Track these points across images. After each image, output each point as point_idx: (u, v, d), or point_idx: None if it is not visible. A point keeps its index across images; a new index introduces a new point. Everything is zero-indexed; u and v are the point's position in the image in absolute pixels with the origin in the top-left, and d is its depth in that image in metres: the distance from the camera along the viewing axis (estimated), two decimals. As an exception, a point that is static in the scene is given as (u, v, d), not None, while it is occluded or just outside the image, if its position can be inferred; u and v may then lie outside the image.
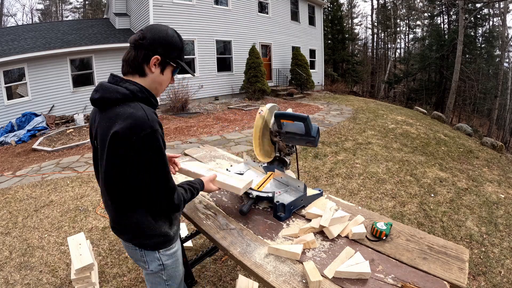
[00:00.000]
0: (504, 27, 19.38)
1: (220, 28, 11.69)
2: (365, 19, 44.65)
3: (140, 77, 1.01)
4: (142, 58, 0.98)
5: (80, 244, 2.07)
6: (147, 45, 0.98)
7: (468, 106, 21.37)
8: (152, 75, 1.01)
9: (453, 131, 8.40)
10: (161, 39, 1.00)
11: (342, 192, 3.67)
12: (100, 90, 0.97)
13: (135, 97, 0.96)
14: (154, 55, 0.99)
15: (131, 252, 1.14)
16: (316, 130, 1.42)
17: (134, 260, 1.18)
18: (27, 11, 33.27)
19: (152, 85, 1.03)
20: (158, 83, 1.04)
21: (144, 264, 1.13)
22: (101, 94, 0.96)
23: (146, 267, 1.13)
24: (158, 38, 0.99)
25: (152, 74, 1.01)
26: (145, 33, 0.99)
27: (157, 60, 1.00)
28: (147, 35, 0.98)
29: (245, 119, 8.14)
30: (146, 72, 1.01)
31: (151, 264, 1.12)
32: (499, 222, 3.19)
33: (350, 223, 1.29)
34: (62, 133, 7.66)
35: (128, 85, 0.97)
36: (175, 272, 1.20)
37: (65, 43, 9.70)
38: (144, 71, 1.00)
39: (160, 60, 1.00)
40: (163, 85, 1.07)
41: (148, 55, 0.98)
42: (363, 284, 0.98)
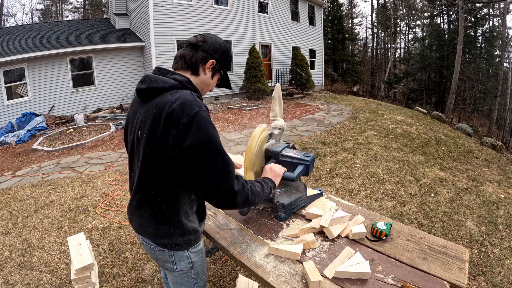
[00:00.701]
0: (504, 27, 19.39)
1: (220, 28, 11.69)
2: (365, 19, 44.68)
3: (192, 74, 1.05)
4: (200, 58, 1.04)
5: (80, 244, 2.06)
6: (207, 48, 1.04)
7: (468, 106, 21.36)
8: (204, 76, 1.06)
9: (453, 131, 8.40)
10: (221, 47, 1.08)
11: (342, 192, 3.67)
12: (147, 81, 0.98)
13: (184, 87, 0.98)
14: (212, 59, 1.05)
15: (157, 254, 1.09)
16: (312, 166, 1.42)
17: (160, 262, 1.12)
18: (27, 11, 33.29)
19: (200, 85, 1.07)
20: (205, 84, 1.09)
21: (172, 264, 1.10)
22: (149, 85, 0.97)
23: (174, 268, 1.10)
24: (217, 45, 1.07)
25: (204, 76, 1.07)
26: (206, 38, 1.06)
27: (212, 64, 1.06)
28: (208, 40, 1.06)
29: (245, 119, 8.14)
30: (200, 72, 1.05)
31: (179, 263, 1.10)
32: (499, 222, 3.19)
33: (350, 223, 1.29)
34: (62, 133, 7.66)
35: (177, 76, 0.99)
36: (202, 269, 1.20)
37: (65, 43, 9.70)
38: (198, 70, 1.05)
39: (215, 64, 1.07)
40: (209, 88, 1.12)
41: (206, 57, 1.04)
42: (363, 284, 0.98)
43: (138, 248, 2.61)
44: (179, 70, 1.05)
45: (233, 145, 5.59)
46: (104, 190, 3.82)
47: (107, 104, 10.33)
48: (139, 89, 0.99)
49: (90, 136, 7.12)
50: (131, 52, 10.69)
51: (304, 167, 1.36)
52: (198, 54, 1.03)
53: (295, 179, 1.33)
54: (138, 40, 10.79)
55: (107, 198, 3.59)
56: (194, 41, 1.04)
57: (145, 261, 2.42)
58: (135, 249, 2.59)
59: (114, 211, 3.27)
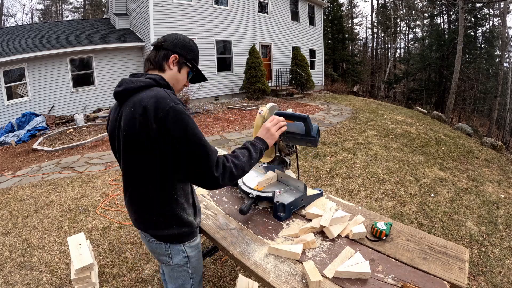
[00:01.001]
0: (504, 27, 19.39)
1: (220, 28, 11.69)
2: (365, 19, 44.67)
3: (159, 72, 1.11)
4: (162, 56, 1.10)
5: (80, 244, 2.06)
6: (167, 46, 1.11)
7: (468, 106, 21.36)
8: (170, 71, 1.12)
9: (453, 131, 8.40)
10: (180, 42, 1.13)
11: (342, 192, 3.67)
12: (123, 83, 1.04)
13: (158, 84, 1.04)
14: (173, 54, 1.11)
15: (154, 246, 1.14)
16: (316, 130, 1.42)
17: (156, 255, 1.18)
18: (27, 11, 33.29)
19: (170, 81, 1.11)
20: (175, 79, 1.13)
21: (168, 258, 1.14)
22: (125, 86, 1.03)
23: (170, 261, 1.14)
24: (177, 41, 1.13)
25: (171, 71, 1.12)
26: (166, 37, 1.13)
27: (175, 59, 1.11)
28: (168, 38, 1.12)
29: (245, 119, 8.14)
30: (165, 68, 1.11)
31: (175, 257, 1.13)
32: (499, 222, 3.19)
33: (350, 223, 1.29)
34: (62, 133, 7.66)
35: (150, 75, 1.06)
36: (198, 264, 1.22)
37: (65, 43, 9.70)
38: (163, 67, 1.11)
39: (178, 59, 1.11)
40: (180, 83, 1.16)
41: (167, 54, 1.10)
42: (363, 284, 0.98)
43: (138, 248, 2.61)
44: (149, 71, 1.11)
45: (233, 145, 5.59)
46: (104, 190, 3.82)
47: (107, 104, 10.33)
48: (117, 92, 1.04)
49: (90, 136, 7.12)
50: (131, 52, 10.69)
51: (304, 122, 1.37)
52: (160, 53, 1.10)
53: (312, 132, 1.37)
54: (138, 40, 10.79)
55: (107, 198, 3.59)
56: (156, 42, 1.12)
57: (145, 261, 2.42)
58: (135, 249, 2.59)
59: (114, 211, 3.27)
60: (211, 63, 11.64)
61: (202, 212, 1.49)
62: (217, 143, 5.70)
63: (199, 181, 1.01)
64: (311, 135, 1.41)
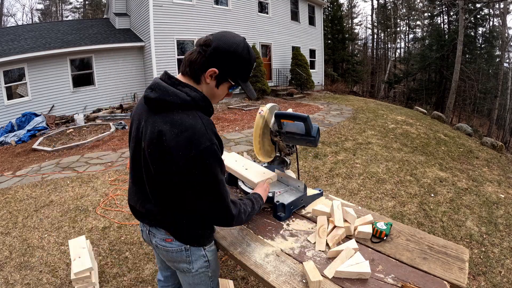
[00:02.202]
0: (504, 27, 19.40)
1: (220, 28, 11.67)
2: (365, 19, 44.68)
3: (195, 83, 0.95)
4: (200, 65, 0.92)
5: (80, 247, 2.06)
6: (209, 54, 0.91)
7: (468, 106, 21.36)
8: (206, 86, 0.96)
9: (453, 131, 8.40)
10: (226, 52, 0.91)
11: (342, 192, 3.67)
12: (157, 90, 0.91)
13: (197, 104, 0.91)
14: (212, 67, 0.92)
15: (176, 255, 1.08)
16: (316, 130, 1.42)
17: (175, 264, 1.11)
18: (27, 11, 33.29)
19: (207, 93, 0.97)
20: (211, 95, 0.98)
21: (188, 264, 1.09)
22: (159, 95, 0.90)
23: (191, 268, 1.10)
24: (224, 51, 0.91)
25: (207, 85, 0.96)
26: (212, 39, 0.92)
27: (213, 73, 0.93)
28: (213, 43, 0.91)
29: (245, 119, 8.14)
30: (201, 81, 0.95)
31: (196, 263, 1.10)
32: (499, 222, 3.19)
33: (357, 220, 1.29)
34: (62, 133, 7.66)
35: (189, 91, 0.91)
36: (217, 267, 1.21)
37: (65, 43, 9.70)
38: (199, 79, 0.94)
39: (217, 74, 0.93)
40: (216, 98, 1.01)
41: (206, 65, 0.91)
42: (363, 284, 0.97)
43: (138, 248, 2.61)
44: (185, 76, 0.96)
45: (233, 145, 5.59)
46: (104, 190, 3.82)
47: (107, 104, 10.33)
48: (149, 97, 0.92)
49: (90, 136, 7.12)
50: (131, 52, 10.69)
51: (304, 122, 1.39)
52: (199, 60, 0.92)
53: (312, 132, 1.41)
54: (138, 40, 10.79)
55: (107, 198, 3.59)
56: (200, 42, 0.94)
57: (145, 261, 2.42)
58: (135, 249, 2.59)
59: (114, 211, 3.27)
60: (211, 63, 11.63)
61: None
62: (217, 143, 5.69)
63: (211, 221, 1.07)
64: (311, 135, 1.41)
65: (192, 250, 1.08)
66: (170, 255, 1.10)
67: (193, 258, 1.09)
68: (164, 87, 0.91)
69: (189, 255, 1.08)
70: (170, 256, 1.10)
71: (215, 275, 1.20)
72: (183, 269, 1.11)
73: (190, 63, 0.93)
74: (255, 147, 1.57)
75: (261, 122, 1.51)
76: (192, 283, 1.15)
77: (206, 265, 1.13)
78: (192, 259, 1.09)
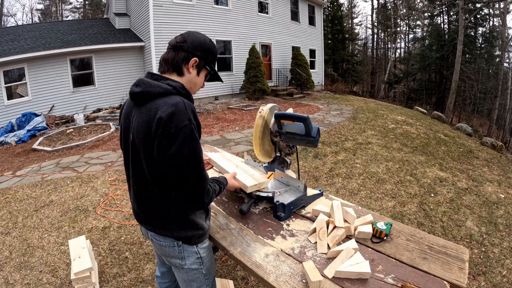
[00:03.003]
0: (504, 27, 19.40)
1: (220, 28, 11.69)
2: (365, 19, 44.68)
3: (178, 75, 1.07)
4: (182, 58, 1.05)
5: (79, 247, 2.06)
6: (187, 47, 1.05)
7: (468, 106, 21.35)
8: (189, 75, 1.08)
9: (453, 131, 8.40)
10: (200, 43, 1.08)
11: (342, 192, 3.67)
12: (141, 85, 1.01)
13: (178, 92, 1.01)
14: (194, 57, 1.06)
15: (167, 250, 1.13)
16: (316, 131, 1.42)
17: (168, 258, 1.16)
18: (27, 11, 33.29)
19: (188, 84, 1.09)
20: (193, 83, 1.11)
21: (181, 260, 1.13)
22: (143, 89, 0.99)
23: (183, 264, 1.14)
24: (198, 43, 1.07)
25: (189, 75, 1.08)
26: (186, 37, 1.07)
27: (195, 62, 1.07)
28: (188, 39, 1.06)
29: (245, 119, 8.14)
30: (184, 72, 1.07)
31: (188, 259, 1.13)
32: (499, 222, 3.19)
33: (357, 220, 1.29)
34: (62, 133, 7.66)
35: (170, 82, 1.02)
36: (211, 266, 1.23)
37: (65, 43, 9.70)
38: (182, 71, 1.07)
39: (198, 62, 1.07)
40: (197, 86, 1.14)
41: (188, 56, 1.05)
42: (363, 284, 0.97)
43: (138, 248, 2.61)
44: (166, 73, 1.07)
45: (233, 145, 5.59)
46: (104, 190, 3.82)
47: (107, 104, 10.33)
48: (133, 92, 1.01)
49: (90, 136, 7.12)
50: (131, 52, 10.69)
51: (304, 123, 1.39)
52: (179, 55, 1.05)
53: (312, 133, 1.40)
54: (138, 40, 10.79)
55: (107, 198, 3.59)
56: (174, 42, 1.06)
57: (145, 261, 2.42)
58: (135, 249, 2.59)
59: (114, 211, 3.27)
60: (211, 63, 11.64)
61: (202, 212, 1.50)
62: (217, 143, 5.70)
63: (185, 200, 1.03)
64: (311, 135, 1.41)
65: (184, 246, 1.12)
66: (163, 250, 1.14)
67: (185, 254, 1.12)
68: (148, 82, 1.01)
69: (181, 251, 1.12)
70: (163, 251, 1.15)
71: (210, 274, 1.21)
72: (176, 264, 1.15)
73: (168, 61, 1.06)
74: (255, 147, 1.57)
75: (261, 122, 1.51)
76: (187, 280, 1.18)
77: (199, 262, 1.15)
78: (184, 255, 1.12)
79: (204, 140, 5.96)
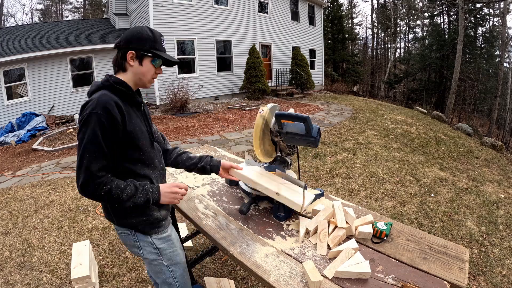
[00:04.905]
0: (504, 27, 19.36)
1: (220, 28, 11.69)
2: (365, 19, 44.68)
3: (123, 72, 1.14)
4: (120, 56, 1.12)
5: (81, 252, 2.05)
6: (122, 44, 1.12)
7: (468, 106, 21.36)
8: (132, 68, 1.13)
9: (453, 131, 8.40)
10: (133, 36, 1.12)
11: (342, 192, 3.67)
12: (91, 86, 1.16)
13: (104, 86, 1.10)
14: (129, 51, 1.11)
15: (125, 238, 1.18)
16: (317, 131, 1.42)
17: (129, 247, 1.21)
18: (27, 11, 33.31)
19: (135, 77, 1.14)
20: (140, 74, 1.14)
21: (138, 250, 1.17)
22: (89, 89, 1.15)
23: (141, 253, 1.17)
24: (130, 36, 1.12)
25: (132, 68, 1.13)
26: (121, 36, 1.14)
27: (132, 55, 1.11)
28: (122, 36, 1.13)
29: (245, 119, 8.13)
30: (126, 67, 1.13)
31: (144, 249, 1.16)
32: (499, 222, 3.19)
33: (357, 221, 1.28)
34: (62, 133, 7.65)
35: (104, 78, 1.11)
36: (174, 256, 1.22)
37: (65, 43, 9.70)
38: (124, 67, 1.13)
39: (135, 53, 1.11)
40: (146, 75, 1.16)
41: (124, 52, 1.11)
42: (363, 284, 0.97)
43: (138, 248, 2.61)
44: (117, 74, 1.16)
45: (233, 145, 5.59)
46: (104, 190, 3.82)
47: (107, 104, 10.33)
48: None
49: (90, 136, 7.11)
50: (131, 52, 10.68)
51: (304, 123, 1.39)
52: (118, 54, 1.13)
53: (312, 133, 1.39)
54: (138, 40, 10.78)
55: (107, 198, 3.59)
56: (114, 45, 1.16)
57: (145, 261, 2.42)
58: (135, 249, 2.59)
59: (114, 211, 3.27)
60: (211, 63, 11.64)
61: (202, 212, 1.49)
62: (217, 143, 5.70)
63: None
64: (312, 135, 1.41)
65: (138, 235, 1.15)
66: (122, 239, 1.19)
67: (141, 243, 1.16)
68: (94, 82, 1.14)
69: (137, 240, 1.15)
70: (122, 240, 1.20)
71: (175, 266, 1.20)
72: (135, 253, 1.20)
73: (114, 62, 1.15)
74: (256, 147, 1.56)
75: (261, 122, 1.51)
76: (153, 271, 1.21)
77: (156, 252, 1.16)
78: (140, 244, 1.16)
79: (204, 140, 5.96)
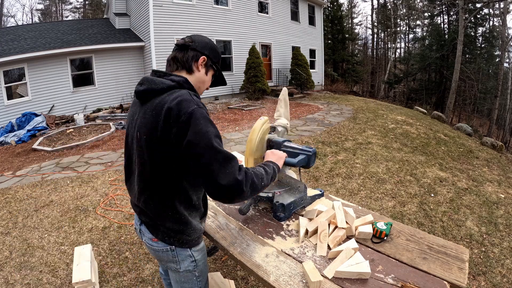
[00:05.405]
0: (504, 27, 19.36)
1: (220, 28, 11.69)
2: (365, 19, 44.67)
3: (187, 73, 1.07)
4: (191, 56, 1.07)
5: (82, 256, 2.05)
6: (196, 46, 1.08)
7: (468, 106, 21.35)
8: (198, 73, 1.09)
9: (453, 131, 8.40)
10: (207, 43, 1.11)
11: (342, 192, 3.66)
12: (145, 83, 1.01)
13: (181, 86, 1.00)
14: (202, 55, 1.08)
15: (161, 255, 1.10)
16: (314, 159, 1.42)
17: (164, 263, 1.14)
18: (27, 11, 33.31)
19: (196, 83, 1.09)
20: (201, 82, 1.11)
21: (176, 264, 1.11)
22: (147, 86, 1.00)
23: (178, 268, 1.11)
24: (205, 44, 1.10)
25: (199, 73, 1.09)
26: (193, 38, 1.10)
27: (204, 60, 1.08)
28: (196, 39, 1.10)
29: (245, 119, 8.14)
30: (194, 70, 1.08)
31: (183, 263, 1.11)
32: (499, 222, 3.19)
33: (357, 221, 1.29)
34: (62, 133, 7.65)
35: (174, 77, 1.01)
36: (204, 267, 1.21)
37: (65, 43, 9.70)
38: (192, 68, 1.07)
39: (206, 60, 1.09)
40: (205, 85, 1.14)
41: (197, 55, 1.07)
42: (363, 284, 0.98)
43: (138, 248, 2.61)
44: (175, 71, 1.08)
45: (233, 145, 5.59)
46: (104, 190, 3.82)
47: (107, 104, 10.33)
48: (138, 91, 1.02)
49: (90, 136, 7.12)
50: (131, 52, 10.69)
51: (306, 156, 1.36)
52: (189, 53, 1.06)
53: (296, 164, 1.33)
54: (138, 40, 10.79)
55: (107, 198, 3.59)
56: (182, 42, 1.08)
57: (145, 261, 2.42)
58: (135, 249, 2.59)
59: (114, 211, 3.27)
60: (211, 63, 11.64)
61: (202, 212, 1.49)
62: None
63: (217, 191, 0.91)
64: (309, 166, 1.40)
65: (177, 250, 1.09)
66: (157, 254, 1.12)
67: (179, 258, 1.10)
68: (151, 79, 1.01)
69: (175, 255, 1.10)
70: (158, 255, 1.13)
71: (202, 275, 1.20)
72: (171, 268, 1.14)
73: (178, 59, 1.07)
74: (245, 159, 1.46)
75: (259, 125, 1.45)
76: (179, 281, 1.17)
77: (193, 265, 1.14)
78: (179, 259, 1.10)
79: (204, 140, 5.95)
